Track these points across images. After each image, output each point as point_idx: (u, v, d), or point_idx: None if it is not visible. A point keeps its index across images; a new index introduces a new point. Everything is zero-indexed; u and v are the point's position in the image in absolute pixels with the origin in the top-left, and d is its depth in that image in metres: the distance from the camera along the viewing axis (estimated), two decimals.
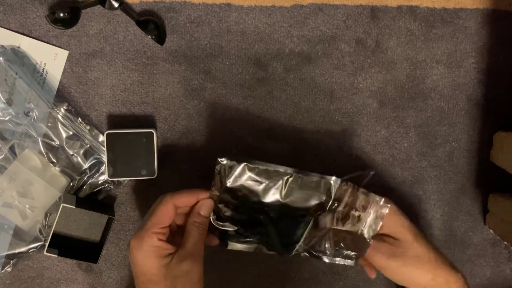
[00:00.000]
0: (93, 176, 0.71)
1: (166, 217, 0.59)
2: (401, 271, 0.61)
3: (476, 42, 0.73)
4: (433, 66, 0.73)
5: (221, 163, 0.61)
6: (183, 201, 0.61)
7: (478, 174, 0.75)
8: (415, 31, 0.73)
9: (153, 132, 0.69)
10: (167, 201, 0.59)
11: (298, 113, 0.73)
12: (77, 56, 0.70)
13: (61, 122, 0.69)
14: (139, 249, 0.57)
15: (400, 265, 0.61)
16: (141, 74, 0.71)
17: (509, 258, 0.76)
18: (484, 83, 0.74)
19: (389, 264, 0.61)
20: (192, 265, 0.57)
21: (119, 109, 0.71)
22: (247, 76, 0.72)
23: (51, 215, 0.70)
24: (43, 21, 0.69)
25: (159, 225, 0.58)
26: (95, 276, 0.73)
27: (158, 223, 0.58)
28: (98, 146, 0.70)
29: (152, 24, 0.69)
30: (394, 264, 0.61)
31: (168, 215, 0.59)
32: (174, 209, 0.60)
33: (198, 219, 0.60)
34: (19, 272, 0.72)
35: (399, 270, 0.61)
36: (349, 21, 0.72)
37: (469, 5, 0.73)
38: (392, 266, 0.61)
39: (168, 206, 0.59)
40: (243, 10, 0.71)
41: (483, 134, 0.74)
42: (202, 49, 0.71)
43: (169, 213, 0.59)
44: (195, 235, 0.59)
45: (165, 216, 0.59)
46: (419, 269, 0.61)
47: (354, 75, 0.73)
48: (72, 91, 0.71)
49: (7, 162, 0.68)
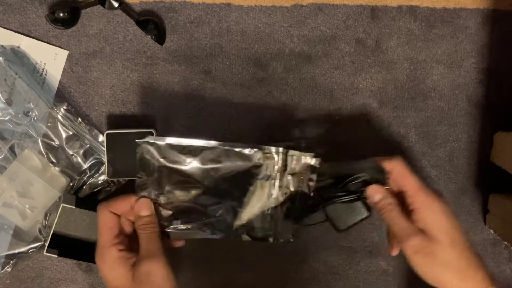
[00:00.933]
0: (93, 176, 0.71)
1: (110, 226, 0.58)
2: (425, 270, 0.57)
3: (476, 42, 0.73)
4: (433, 66, 0.73)
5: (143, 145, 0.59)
6: (117, 207, 0.59)
7: (478, 174, 0.75)
8: (415, 31, 0.73)
9: (153, 132, 0.69)
10: (102, 210, 0.59)
11: (298, 113, 0.73)
12: (77, 56, 0.70)
13: (61, 122, 0.69)
14: (104, 265, 0.57)
15: (425, 264, 0.57)
16: (141, 74, 0.71)
17: (509, 258, 0.76)
18: (484, 83, 0.74)
19: (415, 259, 0.57)
20: (150, 267, 0.56)
21: (119, 109, 0.71)
22: (247, 76, 0.72)
23: (51, 215, 0.70)
24: (43, 21, 0.69)
25: (109, 235, 0.58)
26: (95, 276, 0.73)
27: (108, 234, 0.58)
28: (98, 146, 0.70)
29: (152, 24, 0.69)
30: (419, 261, 0.57)
31: (111, 223, 0.58)
32: (114, 217, 0.59)
33: (141, 221, 0.59)
34: (19, 272, 0.72)
35: (423, 268, 0.57)
36: (349, 21, 0.72)
37: (469, 5, 0.73)
38: (417, 262, 0.57)
39: (106, 214, 0.58)
40: (243, 10, 0.71)
41: (483, 134, 0.74)
42: (202, 49, 0.71)
43: (111, 221, 0.59)
44: (144, 237, 0.58)
45: (108, 225, 0.58)
46: (444, 275, 0.57)
47: (354, 75, 0.73)
48: (72, 91, 0.71)
49: (7, 162, 0.68)
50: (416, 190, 0.58)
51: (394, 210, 0.58)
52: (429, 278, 0.57)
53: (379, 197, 0.59)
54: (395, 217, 0.58)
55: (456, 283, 0.56)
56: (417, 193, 0.58)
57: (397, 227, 0.58)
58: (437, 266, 0.57)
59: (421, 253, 0.56)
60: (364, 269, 0.75)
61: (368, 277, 0.75)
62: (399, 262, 0.75)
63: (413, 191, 0.58)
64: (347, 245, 0.75)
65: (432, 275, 0.57)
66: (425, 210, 0.58)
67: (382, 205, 0.58)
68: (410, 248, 0.57)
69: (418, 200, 0.58)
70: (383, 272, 0.75)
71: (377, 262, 0.75)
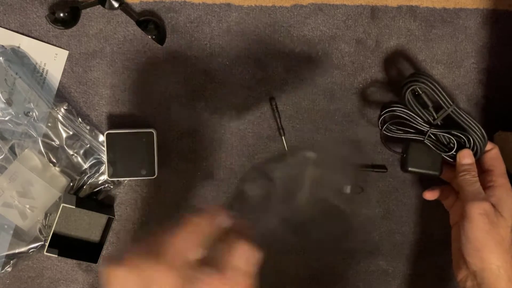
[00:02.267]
0: (93, 176, 0.71)
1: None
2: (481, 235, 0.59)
3: (476, 42, 0.73)
4: (433, 66, 0.73)
5: None
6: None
7: None
8: (415, 31, 0.73)
9: (153, 132, 0.69)
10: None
11: (298, 113, 0.73)
12: (77, 56, 0.70)
13: (61, 122, 0.69)
14: None
15: (485, 229, 0.59)
16: (141, 74, 0.71)
17: None
18: (484, 83, 0.74)
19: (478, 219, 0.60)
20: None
21: (119, 109, 0.71)
22: (247, 76, 0.72)
23: (51, 215, 0.70)
24: (43, 21, 0.69)
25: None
26: (95, 276, 0.73)
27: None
28: (98, 146, 0.70)
29: (152, 24, 0.69)
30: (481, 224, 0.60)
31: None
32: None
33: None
34: (19, 272, 0.72)
35: (480, 232, 0.59)
36: (349, 21, 0.72)
37: (469, 5, 0.73)
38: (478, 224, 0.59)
39: None
40: (243, 10, 0.71)
41: None
42: (202, 49, 0.71)
43: None
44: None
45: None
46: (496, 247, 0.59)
47: (354, 75, 0.73)
48: (72, 91, 0.71)
49: (7, 162, 0.68)
50: (503, 173, 0.64)
51: (475, 176, 0.64)
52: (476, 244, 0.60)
53: (469, 161, 0.65)
54: (476, 181, 0.63)
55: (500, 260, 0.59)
56: (502, 175, 0.64)
57: (474, 189, 0.63)
58: (493, 237, 0.59)
59: (487, 218, 0.59)
60: (364, 269, 0.75)
61: (368, 277, 0.75)
62: (399, 262, 0.75)
63: (500, 172, 0.64)
64: (347, 245, 0.75)
65: (485, 242, 0.59)
66: (502, 190, 0.63)
67: (468, 168, 0.64)
68: (479, 208, 0.60)
69: (500, 181, 0.63)
70: (383, 272, 0.75)
71: (377, 262, 0.75)
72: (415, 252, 0.75)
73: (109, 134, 0.68)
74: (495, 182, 0.63)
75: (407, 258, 0.75)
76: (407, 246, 0.74)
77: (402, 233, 0.75)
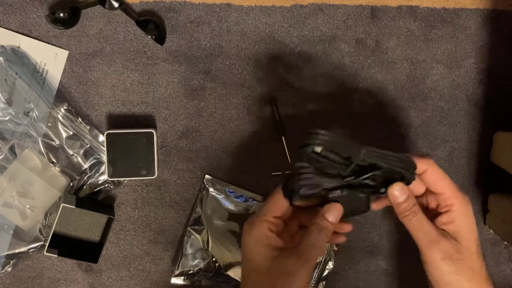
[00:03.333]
0: (93, 176, 0.71)
1: (276, 206, 0.54)
2: (450, 278, 0.53)
3: (476, 42, 0.73)
4: (433, 66, 0.73)
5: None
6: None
7: (478, 174, 0.75)
8: (415, 31, 0.73)
9: (153, 132, 0.69)
10: (278, 190, 0.54)
11: (298, 113, 0.73)
12: (77, 56, 0.70)
13: (61, 122, 0.69)
14: (249, 234, 0.54)
15: (452, 271, 0.53)
16: (141, 74, 0.71)
17: (509, 258, 0.76)
18: (484, 83, 0.74)
19: (441, 265, 0.53)
20: (297, 268, 0.50)
21: (119, 109, 0.71)
22: (247, 76, 0.72)
23: (51, 215, 0.70)
24: (43, 21, 0.69)
25: (269, 213, 0.54)
26: (95, 276, 0.73)
27: (268, 211, 0.54)
28: (98, 146, 0.70)
29: (152, 24, 0.69)
30: (446, 268, 0.53)
31: (278, 205, 0.54)
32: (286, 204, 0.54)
33: (322, 222, 0.53)
34: (19, 272, 0.72)
35: (448, 276, 0.53)
36: (349, 21, 0.72)
37: (469, 5, 0.73)
38: (443, 268, 0.53)
39: (279, 195, 0.54)
40: (243, 10, 0.71)
41: (483, 134, 0.74)
42: (202, 49, 0.71)
43: (280, 203, 0.54)
44: (313, 236, 0.52)
45: (276, 205, 0.54)
46: (469, 283, 0.53)
47: (354, 75, 0.73)
48: (72, 91, 0.71)
49: (7, 162, 0.68)
50: (454, 192, 0.55)
51: (419, 213, 0.54)
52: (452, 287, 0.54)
53: (404, 198, 0.53)
54: (420, 220, 0.54)
55: None
56: (454, 196, 0.54)
57: (423, 231, 0.54)
58: (463, 275, 0.53)
59: (450, 259, 0.53)
60: (364, 269, 0.75)
61: (368, 277, 0.75)
62: (399, 262, 0.75)
63: (450, 193, 0.54)
64: (347, 245, 0.75)
65: (458, 284, 0.53)
66: (459, 213, 0.54)
67: (406, 206, 0.54)
68: (438, 253, 0.53)
69: (455, 204, 0.54)
70: (383, 272, 0.75)
71: (377, 262, 0.75)
72: (415, 252, 0.75)
73: (109, 134, 0.68)
74: (449, 207, 0.55)
75: (407, 258, 0.75)
76: (407, 246, 0.74)
77: (402, 233, 0.75)
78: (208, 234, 0.72)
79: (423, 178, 0.55)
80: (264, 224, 0.53)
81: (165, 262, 0.73)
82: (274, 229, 0.54)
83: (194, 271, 0.72)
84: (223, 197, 0.72)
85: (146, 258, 0.73)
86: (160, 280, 0.73)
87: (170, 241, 0.73)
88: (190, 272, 0.72)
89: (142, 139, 0.69)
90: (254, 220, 0.54)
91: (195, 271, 0.72)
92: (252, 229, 0.54)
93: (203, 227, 0.72)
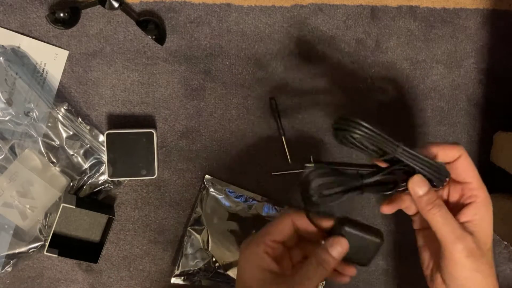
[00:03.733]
0: (93, 176, 0.71)
1: (278, 230, 0.53)
2: (470, 275, 0.51)
3: (476, 42, 0.73)
4: (433, 66, 0.73)
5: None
6: (302, 222, 0.53)
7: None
8: (415, 31, 0.73)
9: (153, 132, 0.69)
10: (285, 216, 0.53)
11: (298, 113, 0.73)
12: (77, 56, 0.70)
13: (61, 122, 0.69)
14: (244, 252, 0.53)
15: (474, 268, 0.50)
16: (141, 74, 0.71)
17: (509, 258, 0.76)
18: (484, 83, 0.74)
19: (465, 262, 0.50)
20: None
21: (119, 109, 0.71)
22: (247, 76, 0.72)
23: (51, 215, 0.70)
24: (43, 21, 0.69)
25: (269, 236, 0.52)
26: (95, 276, 0.73)
27: (268, 233, 0.53)
28: (98, 146, 0.70)
29: (152, 24, 0.69)
30: (469, 265, 0.50)
31: (280, 229, 0.53)
32: (291, 227, 0.53)
33: (323, 255, 0.50)
34: (19, 272, 0.72)
35: (469, 272, 0.51)
36: (349, 21, 0.72)
37: (469, 5, 0.73)
38: (466, 265, 0.50)
39: (285, 220, 0.53)
40: (243, 10, 0.71)
41: (483, 134, 0.74)
42: (202, 49, 0.71)
43: (284, 228, 0.53)
44: (310, 268, 0.50)
45: (277, 229, 0.53)
46: (486, 279, 0.51)
47: (354, 75, 0.73)
48: (72, 91, 0.71)
49: (7, 162, 0.68)
50: (481, 183, 0.52)
51: (443, 207, 0.51)
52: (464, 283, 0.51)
53: (424, 191, 0.50)
54: (445, 215, 0.50)
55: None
56: (481, 187, 0.52)
57: (448, 227, 0.50)
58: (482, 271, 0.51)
59: (473, 256, 0.50)
60: (364, 269, 0.75)
61: (368, 277, 0.75)
62: (399, 262, 0.75)
63: (478, 184, 0.52)
64: None
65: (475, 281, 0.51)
66: (483, 206, 0.52)
67: (428, 200, 0.50)
68: (463, 250, 0.50)
69: (480, 195, 0.52)
70: (383, 272, 0.75)
71: (377, 262, 0.75)
72: (415, 252, 0.75)
73: (109, 134, 0.68)
74: (476, 198, 0.52)
75: (407, 258, 0.75)
76: (407, 246, 0.74)
77: (402, 233, 0.75)
78: (208, 234, 0.72)
79: (453, 166, 0.52)
80: (261, 246, 0.52)
81: (165, 262, 0.73)
82: (271, 252, 0.52)
83: (194, 271, 0.72)
84: (223, 197, 0.72)
85: (146, 258, 0.73)
86: (160, 280, 0.73)
87: (170, 241, 0.73)
88: (190, 272, 0.72)
89: (142, 139, 0.69)
90: (252, 240, 0.53)
91: (195, 271, 0.72)
92: (248, 248, 0.52)
93: (203, 227, 0.72)
